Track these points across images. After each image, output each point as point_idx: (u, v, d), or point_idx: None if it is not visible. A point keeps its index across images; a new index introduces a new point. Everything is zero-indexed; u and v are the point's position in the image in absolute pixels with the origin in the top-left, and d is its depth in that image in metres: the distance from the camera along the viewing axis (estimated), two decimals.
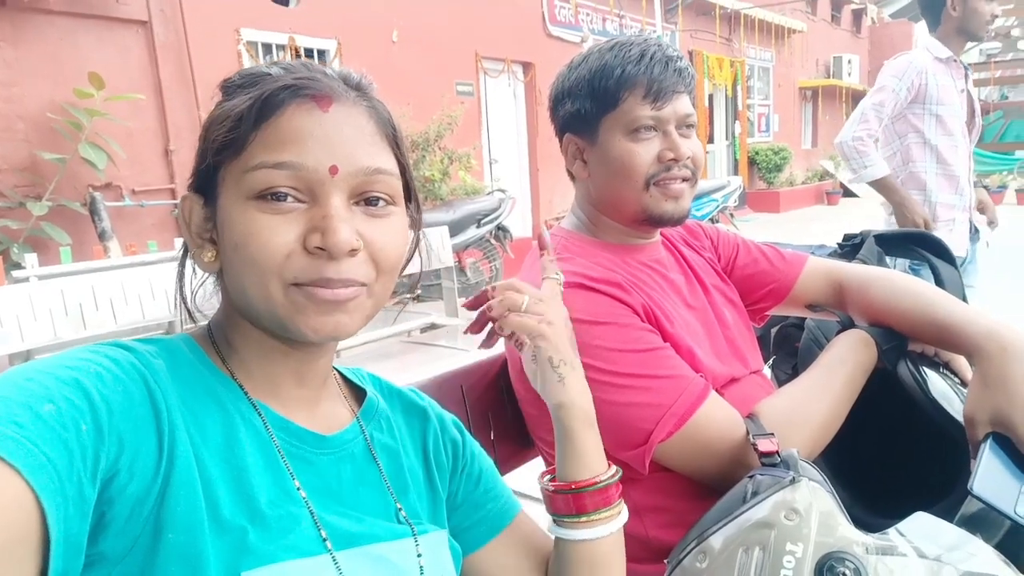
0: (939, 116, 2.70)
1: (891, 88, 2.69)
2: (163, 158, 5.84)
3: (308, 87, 0.62)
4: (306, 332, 0.61)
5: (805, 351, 1.45)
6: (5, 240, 4.74)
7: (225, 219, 0.61)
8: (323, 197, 0.60)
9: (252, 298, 0.61)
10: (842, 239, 1.62)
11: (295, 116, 0.61)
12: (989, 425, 0.93)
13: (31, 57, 5.02)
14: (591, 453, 0.79)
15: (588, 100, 1.11)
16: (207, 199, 0.64)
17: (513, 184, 8.97)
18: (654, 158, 1.08)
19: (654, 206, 1.10)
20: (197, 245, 0.65)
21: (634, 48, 1.08)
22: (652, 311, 1.06)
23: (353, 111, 0.64)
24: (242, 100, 0.61)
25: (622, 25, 10.99)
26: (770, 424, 0.98)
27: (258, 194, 0.60)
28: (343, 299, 0.61)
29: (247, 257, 0.59)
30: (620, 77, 1.07)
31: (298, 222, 0.60)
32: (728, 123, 14.62)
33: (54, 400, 0.48)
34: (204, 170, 0.63)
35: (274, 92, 0.61)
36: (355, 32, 7.22)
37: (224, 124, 0.61)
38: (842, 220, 12.08)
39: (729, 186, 8.11)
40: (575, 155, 1.17)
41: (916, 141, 2.74)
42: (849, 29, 19.70)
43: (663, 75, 1.06)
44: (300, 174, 0.60)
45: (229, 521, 0.56)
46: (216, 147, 0.61)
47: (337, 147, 0.61)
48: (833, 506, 0.80)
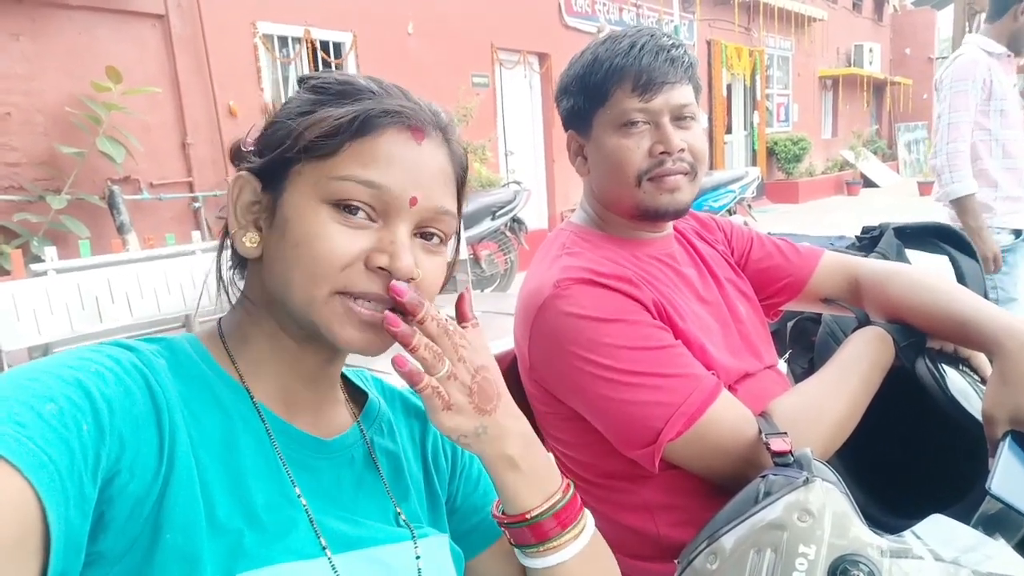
0: (1003, 111, 2.69)
1: (969, 92, 2.66)
2: (180, 151, 5.87)
3: (409, 117, 0.64)
4: (338, 341, 0.62)
5: (822, 345, 1.43)
6: (25, 233, 4.80)
7: (292, 214, 0.62)
8: (395, 222, 0.63)
9: (295, 294, 0.62)
10: (861, 231, 1.60)
11: (392, 141, 0.63)
12: (1008, 423, 0.92)
13: (49, 51, 5.07)
14: (530, 485, 0.70)
15: (581, 96, 1.10)
16: (266, 186, 0.65)
17: (528, 176, 8.95)
18: (645, 152, 1.06)
19: (649, 200, 1.08)
20: (241, 226, 0.66)
21: (624, 40, 1.07)
22: (663, 306, 1.05)
23: (440, 150, 0.67)
24: (342, 111, 0.63)
25: (639, 15, 10.90)
26: (783, 423, 0.96)
27: (335, 201, 0.62)
28: (380, 322, 0.62)
29: (307, 256, 0.61)
30: (608, 70, 1.06)
31: (365, 238, 0.62)
32: (747, 113, 14.49)
33: (56, 400, 0.48)
34: (276, 159, 0.64)
35: (378, 113, 0.63)
36: (371, 24, 7.22)
37: (320, 127, 0.62)
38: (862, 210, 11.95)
39: (747, 177, 8.02)
40: (576, 152, 1.16)
41: (982, 139, 2.72)
42: (871, 17, 19.42)
43: (652, 65, 1.04)
44: (382, 195, 0.62)
45: (225, 523, 0.57)
46: (304, 145, 0.62)
47: (422, 180, 0.64)
48: (847, 507, 0.79)
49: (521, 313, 1.09)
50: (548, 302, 1.02)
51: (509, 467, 0.69)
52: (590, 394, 1.00)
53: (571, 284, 1.01)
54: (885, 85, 19.98)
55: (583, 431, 1.05)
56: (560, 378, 1.04)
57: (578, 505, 0.73)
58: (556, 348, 1.02)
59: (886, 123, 20.65)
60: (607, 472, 1.07)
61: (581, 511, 0.73)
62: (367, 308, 0.62)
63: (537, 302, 1.03)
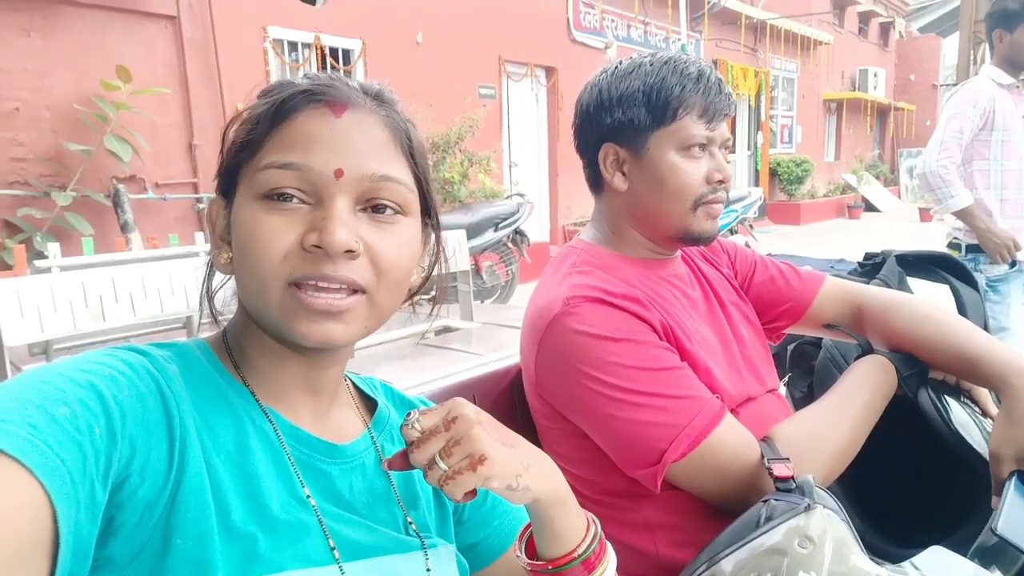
0: (1004, 142, 2.73)
1: (967, 115, 2.71)
2: (187, 152, 5.89)
3: (324, 93, 0.63)
4: (297, 337, 0.60)
5: (822, 370, 1.43)
6: (29, 229, 4.80)
7: (235, 219, 0.62)
8: (327, 199, 0.60)
9: (253, 298, 0.61)
10: (863, 258, 1.60)
11: (308, 120, 0.62)
12: (1015, 463, 0.92)
13: (60, 49, 5.09)
14: (569, 528, 0.69)
15: (643, 111, 1.09)
16: (228, 202, 0.65)
17: (532, 188, 8.97)
18: (702, 178, 1.09)
19: (697, 226, 1.11)
20: (216, 247, 0.66)
21: (691, 67, 1.09)
22: (671, 327, 1.06)
23: (367, 119, 0.64)
24: (261, 103, 0.63)
25: (647, 32, 10.96)
26: (786, 449, 0.96)
27: (265, 194, 0.60)
28: (337, 309, 0.60)
29: (249, 255, 0.60)
30: (680, 94, 1.07)
31: (300, 223, 0.60)
32: (751, 133, 14.54)
33: (69, 403, 0.48)
34: (225, 172, 0.65)
35: (290, 96, 0.62)
36: (380, 33, 7.26)
37: (244, 126, 0.63)
38: (863, 234, 11.97)
39: (749, 197, 8.04)
40: (615, 165, 1.14)
41: (981, 168, 2.77)
42: (876, 42, 19.53)
43: (718, 97, 1.08)
44: (306, 175, 0.60)
45: (239, 527, 0.56)
46: (235, 148, 0.63)
47: (345, 151, 0.61)
48: (848, 535, 0.79)
49: (529, 329, 1.09)
50: (557, 319, 1.02)
51: (561, 502, 0.67)
52: (595, 412, 1.00)
53: (581, 302, 1.02)
54: (889, 110, 20.07)
55: (586, 448, 1.06)
56: (566, 395, 1.04)
57: (603, 546, 0.72)
58: (563, 365, 1.02)
59: (889, 148, 20.73)
60: (608, 490, 1.07)
61: (603, 550, 0.72)
62: (319, 297, 0.59)
63: (546, 319, 1.04)
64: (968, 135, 2.71)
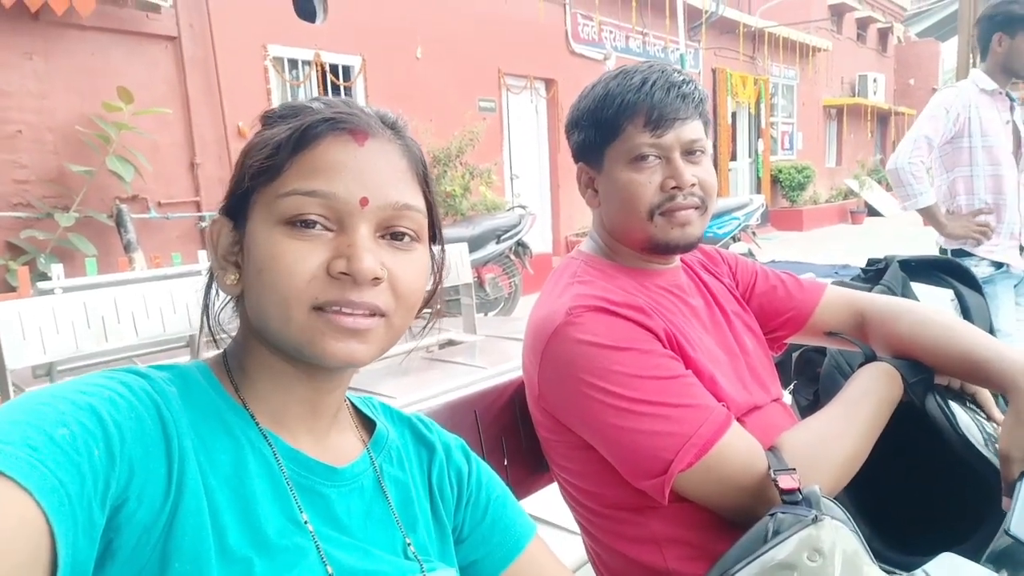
0: (986, 148, 2.72)
1: (940, 118, 2.71)
2: (189, 171, 5.92)
3: (346, 121, 0.64)
4: (321, 357, 0.61)
5: (827, 378, 1.42)
6: (32, 250, 4.82)
7: (252, 242, 0.62)
8: (351, 227, 0.62)
9: (271, 320, 0.61)
10: (866, 264, 1.60)
11: (331, 148, 0.63)
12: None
13: (62, 70, 5.13)
14: None
15: (592, 130, 1.11)
16: (236, 223, 0.65)
17: (534, 200, 8.99)
18: (657, 187, 1.07)
19: (660, 235, 1.09)
20: (221, 267, 0.66)
21: (636, 76, 1.08)
22: (674, 336, 1.05)
23: (387, 148, 0.66)
24: (281, 129, 0.63)
25: (645, 43, 11.01)
26: (792, 458, 0.95)
27: (288, 220, 0.61)
28: (362, 328, 0.61)
29: (270, 279, 0.60)
30: (620, 106, 1.06)
31: (324, 249, 0.61)
32: (751, 141, 14.57)
33: (68, 424, 0.49)
34: (237, 195, 0.65)
35: (313, 123, 0.63)
36: (380, 49, 7.30)
37: (263, 151, 0.63)
38: (866, 240, 11.96)
39: (751, 204, 8.04)
40: (587, 184, 1.17)
41: (963, 175, 2.76)
42: (875, 48, 19.59)
43: (664, 101, 1.05)
44: (331, 203, 0.61)
45: (236, 551, 0.56)
46: (252, 172, 0.63)
47: (369, 180, 0.63)
48: (857, 546, 0.78)
49: (531, 340, 1.09)
50: (560, 329, 1.01)
51: None
52: (600, 423, 0.99)
53: (584, 312, 1.01)
54: (889, 115, 20.10)
55: (591, 460, 1.05)
56: (570, 406, 1.03)
57: None
58: (567, 376, 1.01)
59: (890, 153, 20.71)
60: (614, 503, 1.06)
61: None
62: (344, 315, 0.61)
63: (549, 329, 1.03)
64: (939, 138, 2.72)
